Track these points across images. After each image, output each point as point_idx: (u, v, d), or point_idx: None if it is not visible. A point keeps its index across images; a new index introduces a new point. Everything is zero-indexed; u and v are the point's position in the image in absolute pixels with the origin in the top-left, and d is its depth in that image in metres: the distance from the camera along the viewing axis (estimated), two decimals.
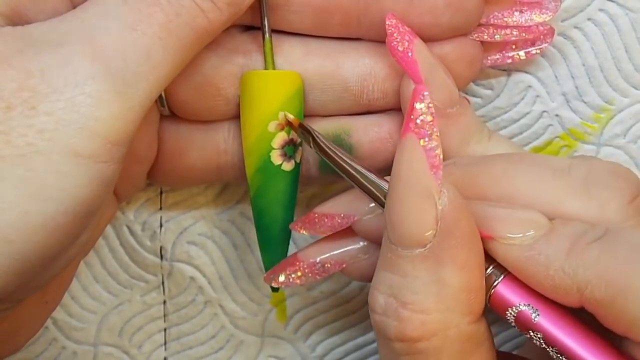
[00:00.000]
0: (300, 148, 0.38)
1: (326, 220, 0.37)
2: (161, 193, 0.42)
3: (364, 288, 0.43)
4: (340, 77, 0.37)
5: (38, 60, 0.29)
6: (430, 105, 0.30)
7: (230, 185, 0.42)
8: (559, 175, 0.33)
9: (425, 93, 0.30)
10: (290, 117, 0.36)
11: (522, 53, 0.39)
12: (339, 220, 0.36)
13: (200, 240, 0.43)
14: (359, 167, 0.34)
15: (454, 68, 0.37)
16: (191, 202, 0.42)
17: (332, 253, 0.37)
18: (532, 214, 0.32)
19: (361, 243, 0.37)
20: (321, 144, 0.35)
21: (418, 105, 0.30)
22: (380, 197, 0.33)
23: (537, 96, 0.41)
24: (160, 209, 0.42)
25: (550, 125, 0.41)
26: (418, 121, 0.30)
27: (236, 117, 0.38)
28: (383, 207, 0.33)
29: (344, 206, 0.37)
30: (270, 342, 0.44)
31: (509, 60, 0.39)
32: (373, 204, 0.35)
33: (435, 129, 0.30)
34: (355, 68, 0.37)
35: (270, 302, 0.44)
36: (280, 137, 0.37)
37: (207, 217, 0.42)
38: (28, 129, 0.29)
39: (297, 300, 0.44)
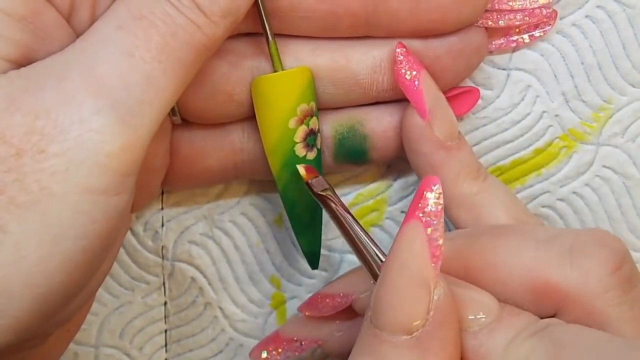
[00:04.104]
0: (319, 134, 0.38)
1: (328, 300, 0.38)
2: (162, 193, 0.42)
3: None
4: (350, 71, 0.38)
5: (42, 100, 0.29)
6: (440, 195, 0.30)
7: (231, 185, 0.42)
8: (542, 245, 0.33)
9: (437, 184, 0.30)
10: (302, 170, 0.37)
11: (526, 37, 0.40)
12: (339, 300, 0.38)
13: (201, 240, 0.43)
14: (364, 238, 0.34)
15: (460, 57, 0.38)
16: (192, 202, 0.42)
17: (308, 331, 0.39)
18: (484, 296, 0.32)
19: (336, 321, 0.39)
20: (333, 206, 0.35)
21: (428, 195, 0.30)
22: (378, 272, 0.33)
23: (537, 96, 0.41)
24: (162, 208, 0.42)
25: (551, 126, 0.41)
26: (426, 210, 0.30)
27: (250, 117, 0.38)
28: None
29: (343, 286, 0.38)
30: None
31: (514, 45, 0.40)
32: (371, 282, 0.36)
33: (441, 220, 0.30)
34: (365, 61, 0.38)
35: (270, 305, 0.44)
36: (302, 130, 0.37)
37: (208, 217, 0.42)
38: (41, 173, 0.29)
39: (297, 303, 0.43)
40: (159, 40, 0.31)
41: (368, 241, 0.34)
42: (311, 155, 0.38)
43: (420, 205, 0.30)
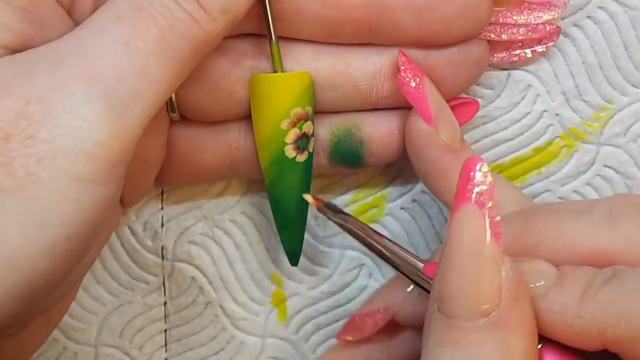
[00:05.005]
0: (312, 138, 0.38)
1: (368, 319, 0.38)
2: (162, 193, 0.42)
3: (364, 289, 0.43)
4: (350, 76, 0.38)
5: (35, 85, 0.29)
6: (487, 172, 0.30)
7: (231, 184, 0.42)
8: (582, 215, 0.33)
9: (482, 163, 0.30)
10: (310, 199, 0.38)
11: (528, 51, 0.40)
12: (380, 315, 0.37)
13: (201, 240, 0.43)
14: (393, 247, 0.34)
15: (459, 68, 0.38)
16: (192, 202, 0.42)
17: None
18: (538, 264, 0.32)
19: (377, 343, 0.39)
20: (352, 226, 0.36)
21: (476, 174, 0.30)
22: (419, 274, 0.34)
23: (538, 95, 0.41)
24: (162, 208, 0.42)
25: (551, 125, 0.41)
26: (477, 190, 0.30)
27: (247, 115, 0.38)
28: (418, 285, 0.34)
29: (380, 301, 0.38)
30: (271, 343, 0.44)
31: (515, 59, 0.40)
32: (408, 289, 0.37)
33: (495, 198, 0.30)
34: (365, 67, 0.38)
35: (271, 303, 0.44)
36: (293, 133, 0.37)
37: (208, 217, 0.42)
38: (28, 158, 0.29)
39: (298, 300, 0.44)
40: (157, 33, 0.31)
41: (398, 249, 0.34)
42: (301, 157, 0.38)
43: (469, 187, 0.30)
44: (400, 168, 0.42)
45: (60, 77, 0.29)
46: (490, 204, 0.30)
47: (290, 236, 0.40)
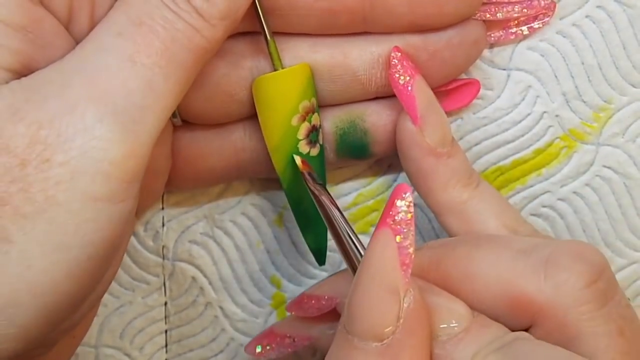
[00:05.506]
0: (320, 130, 0.38)
1: (313, 302, 0.38)
2: (163, 193, 0.42)
3: None
4: (349, 67, 0.38)
5: (46, 109, 0.29)
6: (411, 203, 0.30)
7: (232, 184, 0.42)
8: (520, 256, 0.33)
9: (408, 192, 0.30)
10: (298, 160, 0.37)
11: (524, 28, 0.40)
12: (324, 302, 0.38)
13: (202, 239, 0.43)
14: (352, 239, 0.34)
15: (459, 50, 0.38)
16: (193, 201, 0.42)
17: (300, 328, 0.40)
18: (456, 304, 0.32)
19: (327, 320, 0.39)
20: (324, 200, 0.36)
21: (399, 203, 0.30)
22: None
23: (538, 96, 0.41)
24: (163, 208, 0.42)
25: (551, 126, 0.41)
26: (397, 218, 0.30)
27: (250, 115, 0.38)
28: None
29: (329, 288, 0.38)
30: None
31: (513, 37, 0.40)
32: None
33: (412, 228, 0.30)
34: (363, 56, 0.38)
35: (270, 305, 0.44)
36: (304, 127, 0.37)
37: (209, 216, 0.42)
38: (45, 182, 0.29)
39: None
40: (159, 46, 0.31)
41: (355, 241, 0.34)
42: (314, 151, 0.38)
43: (391, 213, 0.30)
44: (401, 171, 0.42)
45: (70, 99, 0.30)
46: (405, 235, 0.30)
47: (314, 236, 0.40)
